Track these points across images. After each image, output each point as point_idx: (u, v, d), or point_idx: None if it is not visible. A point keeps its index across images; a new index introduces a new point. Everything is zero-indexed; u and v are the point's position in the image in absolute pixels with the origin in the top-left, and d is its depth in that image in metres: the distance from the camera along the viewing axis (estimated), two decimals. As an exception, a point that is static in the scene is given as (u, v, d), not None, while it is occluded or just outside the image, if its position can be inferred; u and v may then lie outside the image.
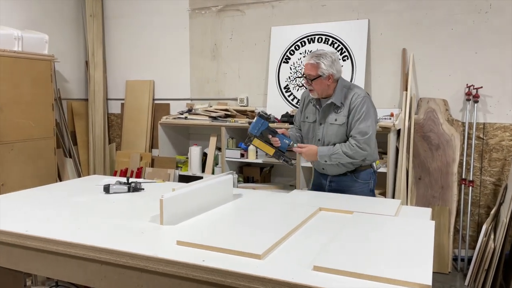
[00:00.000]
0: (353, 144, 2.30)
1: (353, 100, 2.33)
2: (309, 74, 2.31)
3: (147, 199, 2.26)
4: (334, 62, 2.31)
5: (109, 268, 1.55)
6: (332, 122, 2.37)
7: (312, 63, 2.29)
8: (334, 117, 2.37)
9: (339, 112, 2.36)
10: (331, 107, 2.37)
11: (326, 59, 2.29)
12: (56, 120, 4.49)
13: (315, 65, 2.29)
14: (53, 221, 1.87)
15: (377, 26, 3.78)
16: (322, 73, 2.28)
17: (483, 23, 3.45)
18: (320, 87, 2.33)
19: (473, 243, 3.55)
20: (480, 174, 3.56)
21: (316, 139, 2.45)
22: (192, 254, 1.45)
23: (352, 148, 2.29)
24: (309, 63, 2.30)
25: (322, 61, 2.28)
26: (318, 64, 2.28)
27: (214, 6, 4.43)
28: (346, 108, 2.34)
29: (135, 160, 4.50)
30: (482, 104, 3.51)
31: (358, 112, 2.31)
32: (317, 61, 2.28)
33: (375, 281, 1.25)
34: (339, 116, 2.35)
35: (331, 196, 2.36)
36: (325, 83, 2.32)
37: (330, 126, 2.38)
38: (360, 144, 2.29)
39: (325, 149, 2.35)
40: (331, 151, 2.32)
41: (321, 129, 2.42)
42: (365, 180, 2.46)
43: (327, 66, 2.28)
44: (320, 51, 2.33)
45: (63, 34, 4.81)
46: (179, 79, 4.70)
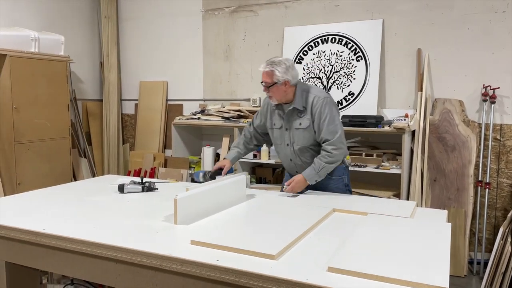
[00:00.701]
0: (329, 150, 2.33)
1: (314, 103, 2.36)
2: (265, 82, 2.35)
3: (161, 199, 2.27)
4: (288, 69, 2.33)
5: (124, 267, 1.56)
6: (297, 126, 2.41)
7: (267, 70, 2.32)
8: (298, 122, 2.41)
9: (302, 116, 2.40)
10: (294, 112, 2.41)
11: (280, 66, 2.31)
12: (72, 121, 4.54)
13: (270, 72, 2.32)
14: (69, 220, 1.89)
15: (392, 26, 3.74)
16: (278, 80, 2.31)
17: (500, 23, 3.39)
18: (277, 93, 2.36)
19: (490, 246, 3.48)
20: (496, 176, 3.49)
21: (285, 143, 2.50)
22: (206, 254, 1.46)
23: (330, 154, 2.33)
24: (264, 71, 2.34)
25: (276, 68, 2.31)
26: (273, 71, 2.31)
27: (227, 7, 4.45)
28: (308, 112, 2.38)
29: (148, 160, 4.53)
30: (499, 105, 3.45)
31: (322, 114, 2.34)
32: (271, 69, 2.31)
33: (391, 283, 1.24)
34: (303, 120, 2.39)
35: (345, 197, 2.34)
36: (282, 89, 2.35)
37: (296, 131, 2.43)
38: (336, 145, 2.33)
39: (309, 170, 2.36)
40: (316, 169, 2.34)
41: (288, 134, 2.46)
42: (338, 176, 2.50)
43: (282, 73, 2.31)
44: (274, 58, 2.36)
45: (79, 35, 4.87)
46: (192, 80, 4.73)
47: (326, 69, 3.96)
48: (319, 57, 3.99)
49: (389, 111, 3.76)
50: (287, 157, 2.53)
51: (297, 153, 2.47)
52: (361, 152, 3.58)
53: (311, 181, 2.36)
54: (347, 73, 3.86)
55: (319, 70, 3.99)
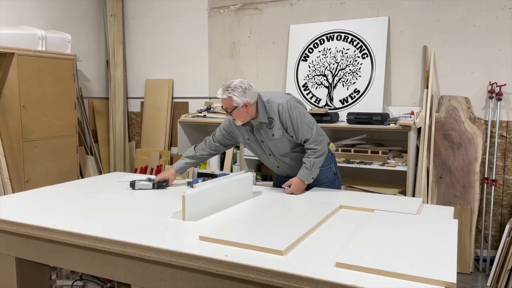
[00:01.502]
0: (313, 146, 2.35)
1: (280, 111, 2.35)
2: (227, 107, 2.32)
3: (169, 196, 2.30)
4: (245, 91, 2.29)
5: (133, 262, 1.58)
6: (271, 138, 2.41)
7: (224, 97, 2.29)
8: (270, 133, 2.40)
9: (272, 127, 2.38)
10: (263, 125, 2.39)
11: (237, 90, 2.28)
12: (78, 118, 4.58)
13: (227, 99, 2.28)
14: (78, 216, 1.91)
15: (397, 23, 3.74)
16: (237, 103, 2.28)
17: (506, 20, 3.37)
18: (240, 115, 2.33)
19: (496, 243, 3.48)
20: (503, 173, 3.49)
21: (266, 154, 2.51)
22: (215, 249, 1.47)
23: (315, 149, 2.35)
24: (222, 98, 2.31)
25: (233, 94, 2.27)
26: (230, 97, 2.27)
27: (233, 5, 4.45)
28: (277, 121, 2.36)
29: (154, 158, 4.56)
30: (506, 102, 3.44)
31: (292, 119, 2.34)
32: (228, 95, 2.28)
33: (398, 278, 1.25)
34: (274, 130, 2.38)
35: (351, 194, 2.36)
36: (243, 111, 2.32)
37: (271, 142, 2.43)
38: (317, 140, 2.35)
39: (303, 171, 2.37)
40: (309, 167, 2.36)
41: (266, 145, 2.46)
42: (326, 166, 2.51)
43: (240, 97, 2.27)
44: (229, 83, 2.31)
45: (85, 34, 4.90)
46: (197, 77, 4.74)
47: (332, 66, 3.96)
48: (324, 55, 3.99)
49: (394, 109, 3.76)
50: (273, 164, 2.55)
51: (282, 160, 2.49)
52: (367, 149, 3.58)
53: (308, 180, 2.37)
54: (352, 70, 3.86)
55: (324, 68, 3.99)
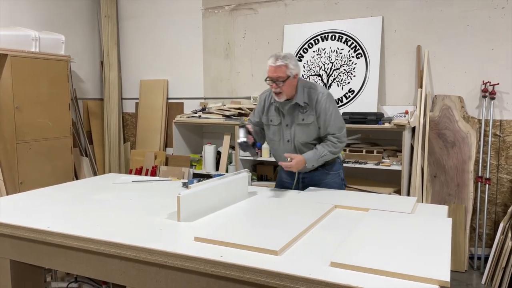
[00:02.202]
0: (335, 141, 2.38)
1: (319, 99, 2.37)
2: (279, 77, 2.28)
3: (163, 197, 2.29)
4: (297, 62, 2.34)
5: (128, 264, 1.58)
6: (300, 122, 2.40)
7: (281, 64, 2.27)
8: (301, 117, 2.39)
9: (305, 112, 2.38)
10: (295, 108, 2.39)
11: (292, 59, 2.30)
12: (73, 120, 4.56)
13: (283, 66, 2.26)
14: (73, 218, 1.91)
15: (391, 23, 3.75)
16: (291, 73, 2.28)
17: (499, 19, 3.40)
18: (289, 88, 2.33)
19: (490, 242, 3.50)
20: (496, 171, 3.51)
21: (284, 140, 2.48)
22: (210, 250, 1.47)
23: (335, 145, 2.38)
24: (276, 65, 2.27)
25: (289, 61, 2.28)
26: (287, 65, 2.27)
27: (227, 5, 4.45)
28: (312, 108, 2.38)
29: (149, 158, 4.55)
30: (499, 101, 3.46)
31: (328, 110, 2.36)
32: (286, 62, 2.27)
33: (393, 277, 1.26)
34: (306, 115, 2.38)
35: (346, 193, 2.36)
36: (292, 83, 2.33)
37: (298, 127, 2.41)
38: (341, 139, 2.39)
39: (311, 154, 2.37)
40: (317, 155, 2.36)
41: (289, 130, 2.44)
42: (336, 170, 2.54)
43: (294, 65, 2.29)
44: (280, 53, 2.33)
45: (79, 35, 4.88)
46: (192, 78, 4.74)
47: (326, 66, 3.97)
48: (319, 55, 4.00)
49: (389, 108, 3.78)
50: (286, 152, 2.49)
51: (298, 149, 2.46)
52: (362, 149, 3.59)
53: (309, 165, 2.36)
54: (347, 70, 3.87)
55: (319, 68, 4.00)
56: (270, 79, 2.33)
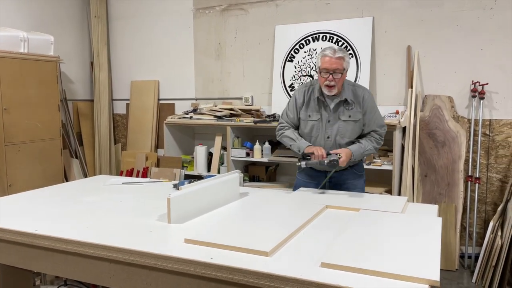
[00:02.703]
0: (378, 138, 2.43)
1: (365, 97, 2.41)
2: (337, 68, 2.26)
3: (154, 198, 2.27)
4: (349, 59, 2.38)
5: (118, 267, 1.56)
6: (346, 119, 2.38)
7: (341, 56, 2.26)
8: (347, 114, 2.38)
9: (351, 109, 2.38)
10: (341, 104, 2.39)
11: (347, 53, 2.34)
12: (62, 121, 4.51)
13: (342, 58, 2.26)
14: (61, 220, 1.88)
15: (382, 23, 3.77)
16: (346, 66, 2.30)
17: (488, 19, 3.43)
18: (341, 82, 2.33)
19: (480, 240, 3.53)
20: (486, 171, 3.54)
21: (324, 136, 2.43)
22: (200, 252, 1.46)
23: (378, 141, 2.44)
24: (338, 57, 2.26)
25: (346, 55, 2.31)
26: (344, 57, 2.28)
27: (218, 6, 4.44)
28: (358, 104, 2.39)
29: (140, 160, 4.52)
30: (488, 100, 3.49)
31: (373, 109, 2.43)
32: (344, 55, 2.28)
33: (383, 277, 1.26)
34: (353, 112, 2.38)
35: (337, 193, 2.36)
36: (343, 79, 2.35)
37: (343, 123, 2.39)
38: (382, 136, 2.46)
39: (356, 147, 2.37)
40: (362, 149, 2.38)
41: (332, 126, 2.41)
42: (361, 172, 2.56)
43: (349, 60, 2.33)
44: (334, 45, 2.39)
45: (68, 35, 4.84)
46: (183, 78, 4.72)
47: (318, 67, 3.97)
48: (310, 55, 4.00)
49: (380, 108, 3.74)
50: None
51: (339, 146, 2.39)
52: (353, 149, 3.60)
53: (355, 157, 2.34)
54: (338, 70, 3.88)
55: (310, 68, 4.00)
56: (326, 70, 2.29)
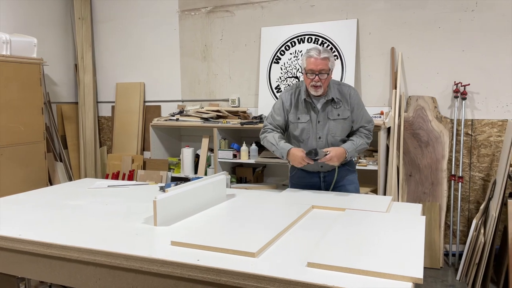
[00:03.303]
0: (367, 133, 2.46)
1: (352, 94, 2.44)
2: (323, 69, 2.28)
3: (140, 201, 2.26)
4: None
5: (104, 270, 1.55)
6: (335, 117, 2.40)
7: (325, 57, 2.27)
8: (336, 113, 2.40)
9: (339, 107, 2.40)
10: (328, 104, 2.41)
11: (332, 55, 2.35)
12: (46, 124, 4.45)
13: (327, 59, 2.28)
14: (46, 224, 1.86)
15: (366, 25, 3.82)
16: (332, 67, 2.32)
17: (469, 21, 3.50)
18: (327, 82, 2.35)
19: (464, 238, 3.60)
20: (469, 170, 3.61)
21: (315, 137, 2.43)
22: (187, 254, 1.46)
23: (368, 136, 2.47)
24: (323, 57, 2.27)
25: (331, 55, 2.32)
26: (329, 58, 2.29)
27: (204, 8, 4.44)
28: (346, 102, 2.42)
29: (126, 162, 4.48)
30: (470, 101, 3.56)
31: (359, 105, 2.45)
32: (328, 55, 2.29)
33: (368, 275, 1.27)
34: (341, 111, 2.40)
35: (323, 194, 2.38)
36: (329, 79, 2.37)
37: (333, 122, 2.41)
38: (371, 131, 2.48)
39: (349, 145, 2.39)
40: (355, 145, 2.40)
41: (322, 126, 2.41)
42: (354, 168, 2.59)
43: (333, 61, 2.34)
44: (318, 46, 2.37)
45: (52, 37, 4.78)
46: (169, 80, 4.70)
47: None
48: (296, 57, 4.03)
49: (365, 109, 3.83)
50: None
51: (331, 145, 2.40)
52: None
53: (349, 154, 2.35)
54: (323, 72, 3.91)
55: (296, 70, 4.03)
56: (312, 71, 2.30)
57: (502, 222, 3.26)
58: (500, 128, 3.49)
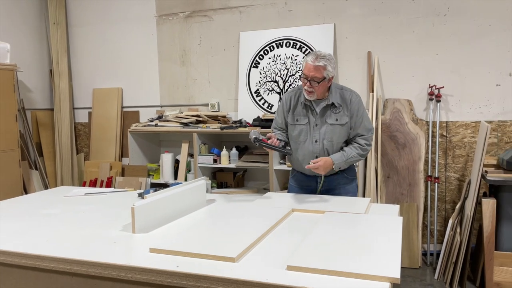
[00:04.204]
0: (363, 144, 2.38)
1: (353, 100, 2.38)
2: (315, 77, 2.26)
3: (118, 208, 2.22)
4: (335, 65, 2.34)
5: (80, 280, 1.52)
6: (333, 122, 2.38)
7: (320, 65, 2.24)
8: (334, 117, 2.37)
9: (338, 112, 2.37)
10: (328, 108, 2.38)
11: (331, 62, 2.29)
12: (20, 132, 4.34)
13: (322, 67, 2.24)
14: (20, 234, 1.81)
15: (343, 30, 3.88)
16: (327, 75, 2.28)
17: (442, 25, 3.60)
18: (321, 89, 2.32)
19: (441, 238, 3.67)
20: (445, 170, 3.69)
21: (312, 140, 2.42)
22: (166, 261, 1.44)
23: (363, 147, 2.38)
24: (315, 65, 2.25)
25: (328, 64, 2.26)
26: (325, 66, 2.25)
27: (182, 12, 4.42)
28: (345, 108, 2.38)
29: (104, 169, 4.41)
30: (444, 103, 3.65)
31: (359, 111, 2.39)
32: (325, 63, 2.25)
33: (346, 277, 1.28)
34: (340, 116, 2.37)
35: (303, 197, 2.39)
36: (326, 85, 2.32)
37: (330, 127, 2.38)
38: (369, 141, 2.41)
39: (338, 156, 2.35)
40: (345, 157, 2.34)
41: (319, 130, 2.40)
42: (353, 176, 2.54)
43: (332, 68, 2.29)
44: (322, 52, 2.28)
45: (26, 42, 4.67)
46: (148, 86, 4.66)
47: (282, 72, 4.03)
48: (274, 61, 4.05)
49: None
50: (312, 154, 2.41)
51: (327, 150, 2.39)
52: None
53: (336, 167, 2.32)
54: (302, 76, 3.94)
55: (275, 74, 4.05)
56: (305, 76, 2.29)
57: (477, 221, 3.35)
58: (473, 129, 3.59)
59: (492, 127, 3.50)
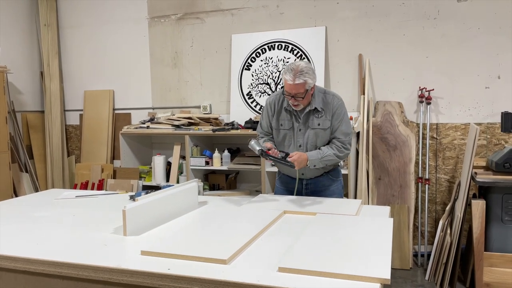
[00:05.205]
0: (339, 146, 2.39)
1: (335, 103, 2.40)
2: (298, 93, 2.27)
3: (109, 211, 2.21)
4: (314, 72, 2.33)
5: (71, 283, 1.51)
6: (315, 127, 2.39)
7: (300, 83, 2.24)
8: (316, 122, 2.39)
9: (320, 117, 2.39)
10: (311, 113, 2.40)
11: (309, 73, 2.27)
12: (10, 134, 4.30)
13: (302, 84, 2.25)
14: (10, 237, 1.79)
15: (334, 32, 3.90)
16: (309, 87, 2.29)
17: (432, 28, 3.64)
18: (306, 100, 2.34)
19: (432, 239, 3.70)
20: (435, 172, 3.73)
21: (296, 145, 2.44)
22: (157, 263, 1.44)
23: (340, 149, 2.39)
24: (296, 84, 2.25)
25: (308, 77, 2.26)
26: (306, 81, 2.25)
27: (174, 14, 4.42)
28: (328, 112, 2.39)
29: (96, 172, 4.38)
30: (434, 105, 3.69)
31: (340, 115, 2.40)
32: (304, 79, 2.25)
33: (337, 278, 1.29)
34: (322, 120, 2.39)
35: (295, 198, 2.40)
36: (310, 95, 2.34)
37: (313, 131, 2.40)
38: (345, 145, 2.41)
39: (314, 153, 2.36)
40: (320, 155, 2.35)
41: (302, 134, 2.42)
42: (337, 177, 2.56)
43: (312, 79, 2.29)
44: (299, 66, 2.26)
45: (16, 44, 4.63)
46: (140, 88, 4.64)
47: (274, 75, 4.04)
48: (266, 64, 4.07)
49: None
50: None
51: None
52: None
53: (311, 163, 2.32)
54: (294, 78, 3.96)
55: (267, 76, 4.07)
56: (288, 93, 2.30)
57: (467, 222, 3.39)
58: (463, 131, 3.63)
59: (481, 129, 3.55)
